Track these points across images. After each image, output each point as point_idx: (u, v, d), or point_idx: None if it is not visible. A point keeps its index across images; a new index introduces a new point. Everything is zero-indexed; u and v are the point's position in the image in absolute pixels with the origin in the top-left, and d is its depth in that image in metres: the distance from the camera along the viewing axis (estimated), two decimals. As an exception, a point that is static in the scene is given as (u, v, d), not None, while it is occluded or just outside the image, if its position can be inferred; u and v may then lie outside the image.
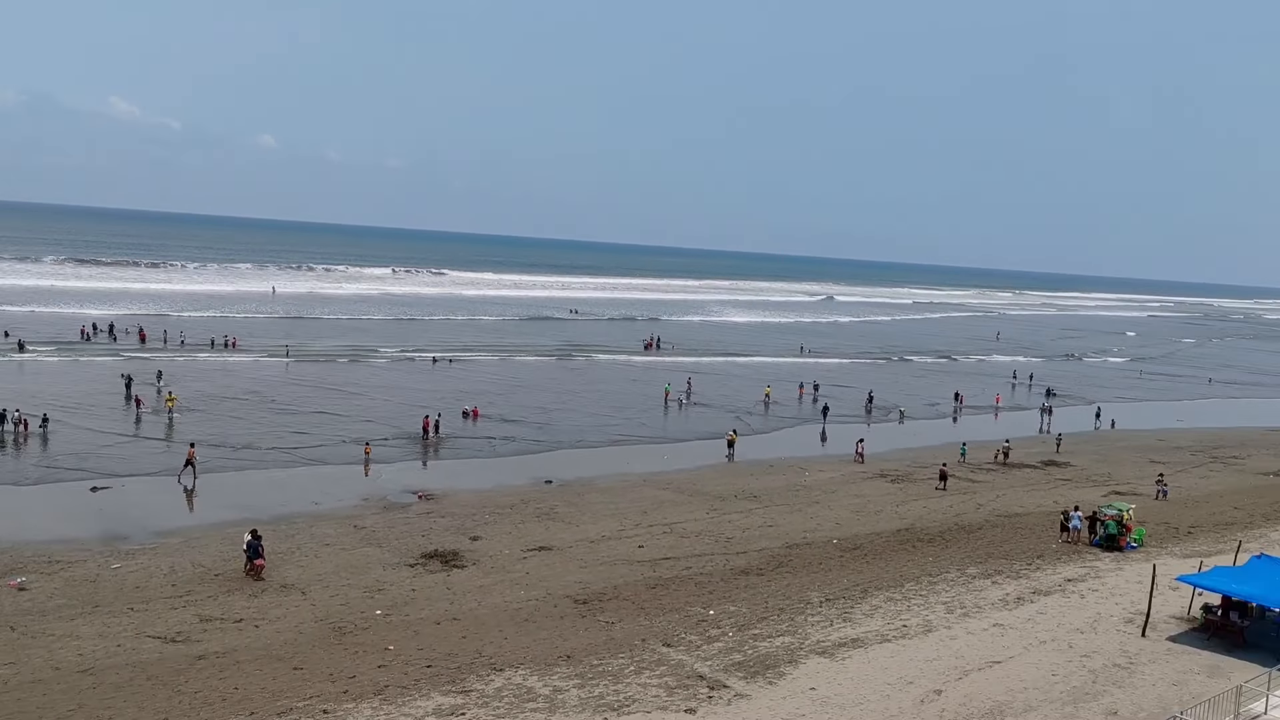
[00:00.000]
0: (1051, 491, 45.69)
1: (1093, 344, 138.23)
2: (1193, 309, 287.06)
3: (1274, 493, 47.53)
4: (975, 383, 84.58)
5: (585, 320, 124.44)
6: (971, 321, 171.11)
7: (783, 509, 39.97)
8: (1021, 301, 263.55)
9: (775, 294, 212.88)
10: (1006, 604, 28.95)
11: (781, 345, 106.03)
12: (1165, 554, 34.74)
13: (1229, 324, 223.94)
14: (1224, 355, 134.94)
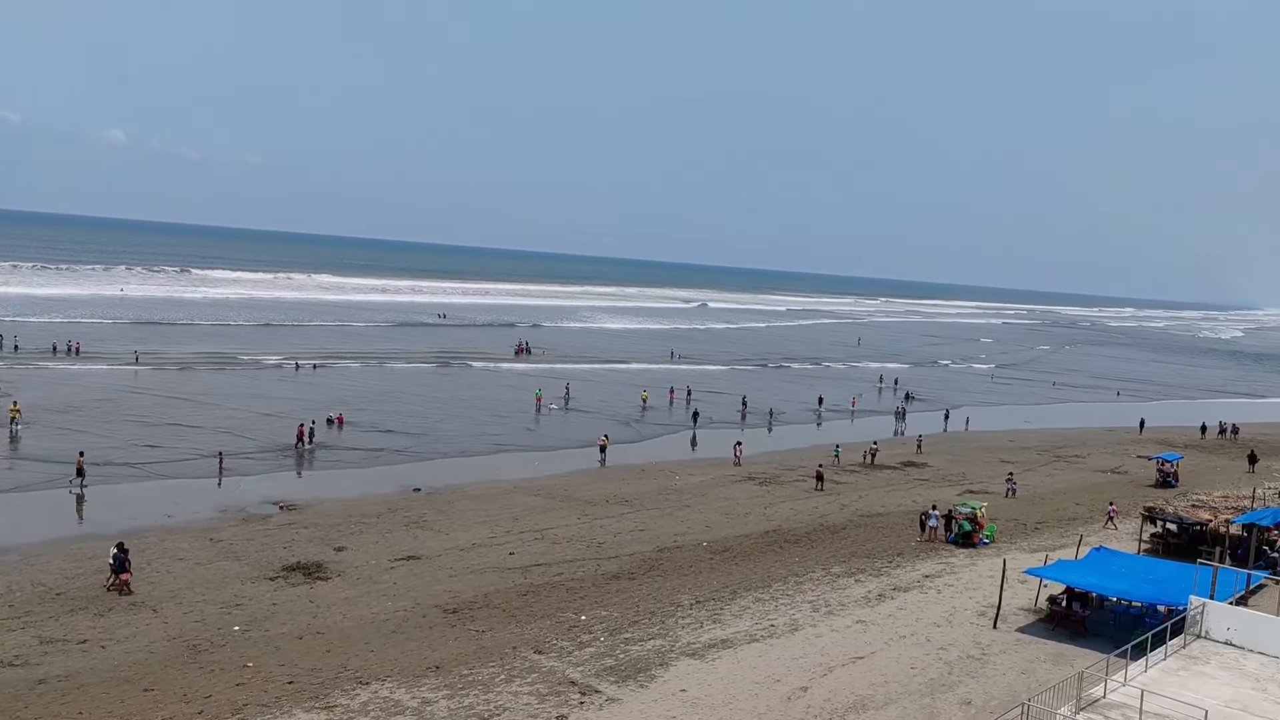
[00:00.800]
0: (910, 491, 47.46)
1: (955, 350, 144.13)
2: (1043, 316, 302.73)
3: (1112, 489, 50.52)
4: (845, 387, 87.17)
5: (454, 326, 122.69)
6: (839, 328, 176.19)
7: (654, 513, 40.29)
8: (888, 309, 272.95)
9: (650, 300, 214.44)
10: (869, 601, 29.89)
11: (656, 351, 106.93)
12: (1015, 549, 36.51)
13: (1078, 331, 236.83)
14: (1073, 361, 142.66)
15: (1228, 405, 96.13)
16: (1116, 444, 66.87)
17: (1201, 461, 61.11)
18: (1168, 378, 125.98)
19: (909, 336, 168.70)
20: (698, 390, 75.83)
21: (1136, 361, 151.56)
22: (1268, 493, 42.99)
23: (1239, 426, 74.68)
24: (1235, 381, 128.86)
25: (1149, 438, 70.36)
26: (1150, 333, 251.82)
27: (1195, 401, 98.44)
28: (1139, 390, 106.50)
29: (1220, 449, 67.76)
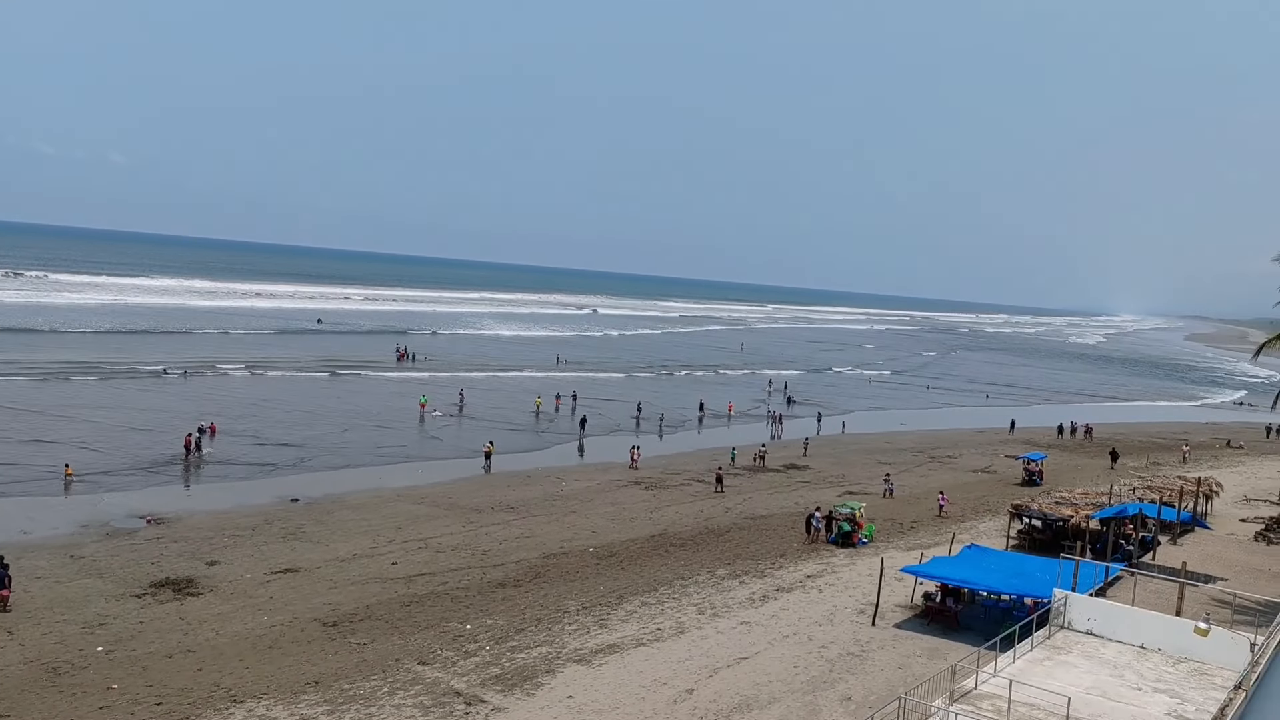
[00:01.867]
0: (793, 493, 48.44)
1: (846, 356, 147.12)
2: (922, 323, 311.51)
3: (982, 487, 52.65)
4: (734, 393, 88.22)
5: (334, 332, 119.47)
6: (729, 335, 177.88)
7: (540, 519, 40.07)
8: (777, 315, 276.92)
9: (539, 306, 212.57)
10: (753, 602, 30.37)
11: (545, 358, 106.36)
12: (892, 547, 37.66)
13: (958, 337, 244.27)
14: (955, 366, 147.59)
15: (1092, 407, 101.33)
16: (987, 444, 69.67)
17: (1064, 460, 64.21)
18: (1038, 381, 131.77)
19: (798, 343, 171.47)
20: (590, 398, 75.74)
21: (1009, 366, 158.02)
22: (1124, 489, 45.41)
23: (1091, 427, 78.87)
24: (1098, 385, 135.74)
25: (1018, 438, 73.57)
26: (1023, 338, 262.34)
27: (1063, 405, 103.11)
28: (1013, 393, 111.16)
29: (1080, 448, 71.34)
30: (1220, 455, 71.77)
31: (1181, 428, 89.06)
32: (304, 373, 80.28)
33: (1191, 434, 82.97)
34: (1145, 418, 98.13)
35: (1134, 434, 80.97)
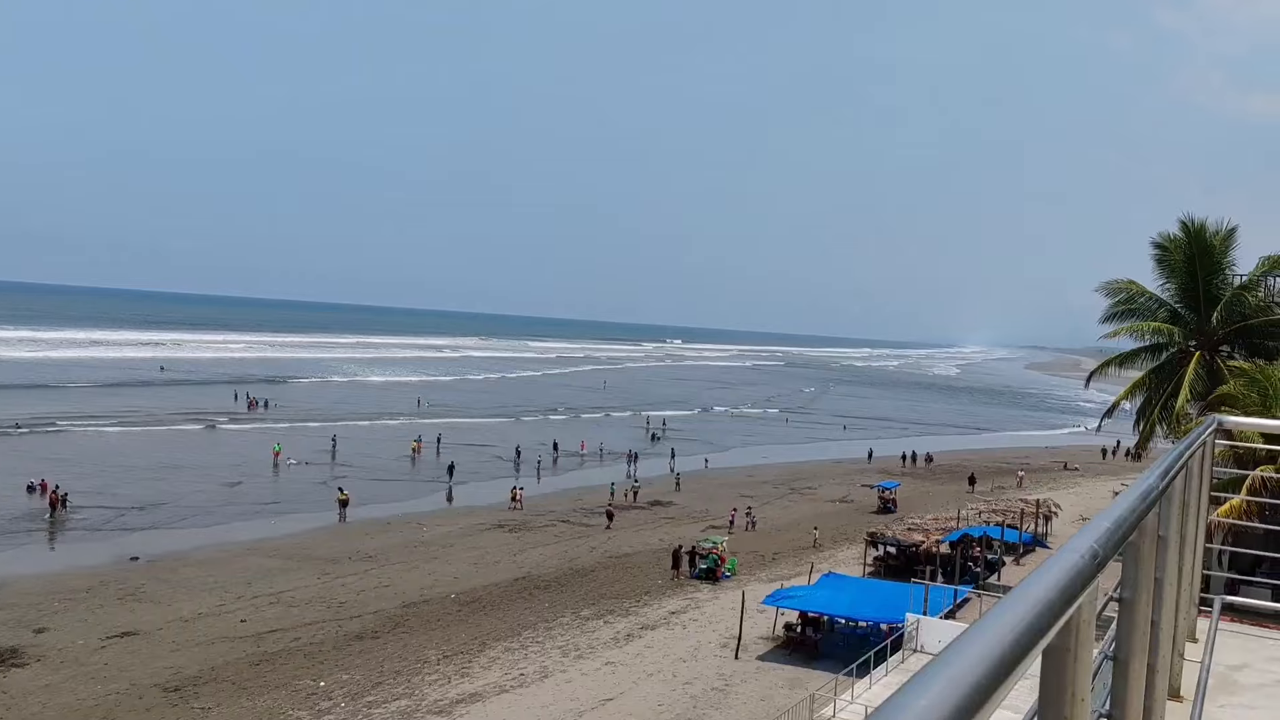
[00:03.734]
0: (658, 530, 48.59)
1: (725, 395, 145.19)
2: (793, 358, 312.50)
3: (840, 517, 54.02)
4: (611, 432, 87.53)
5: (181, 382, 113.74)
6: (607, 375, 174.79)
7: (399, 567, 38.96)
8: (646, 352, 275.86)
9: (402, 350, 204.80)
10: (617, 642, 30.22)
11: (406, 404, 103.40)
12: (754, 580, 38.14)
13: (830, 372, 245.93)
14: (832, 400, 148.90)
15: (944, 436, 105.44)
16: (845, 475, 71.60)
17: (917, 487, 66.58)
18: (900, 412, 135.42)
19: (673, 381, 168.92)
20: (458, 443, 74.07)
21: (875, 399, 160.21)
22: (970, 513, 47.39)
23: (931, 455, 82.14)
24: (953, 414, 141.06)
25: (874, 467, 75.92)
26: (889, 372, 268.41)
27: (921, 434, 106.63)
28: (877, 424, 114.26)
29: (931, 475, 74.18)
30: (1058, 478, 75.77)
31: (1023, 452, 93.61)
32: (146, 426, 76.14)
33: (1032, 458, 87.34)
34: (991, 444, 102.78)
35: (981, 460, 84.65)
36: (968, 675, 1.28)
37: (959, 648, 1.38)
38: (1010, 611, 1.55)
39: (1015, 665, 1.42)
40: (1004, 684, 1.35)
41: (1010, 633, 1.48)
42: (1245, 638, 6.23)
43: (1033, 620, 1.54)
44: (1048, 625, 1.58)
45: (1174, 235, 32.60)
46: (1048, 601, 1.62)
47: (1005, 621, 1.51)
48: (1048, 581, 1.69)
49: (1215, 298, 31.64)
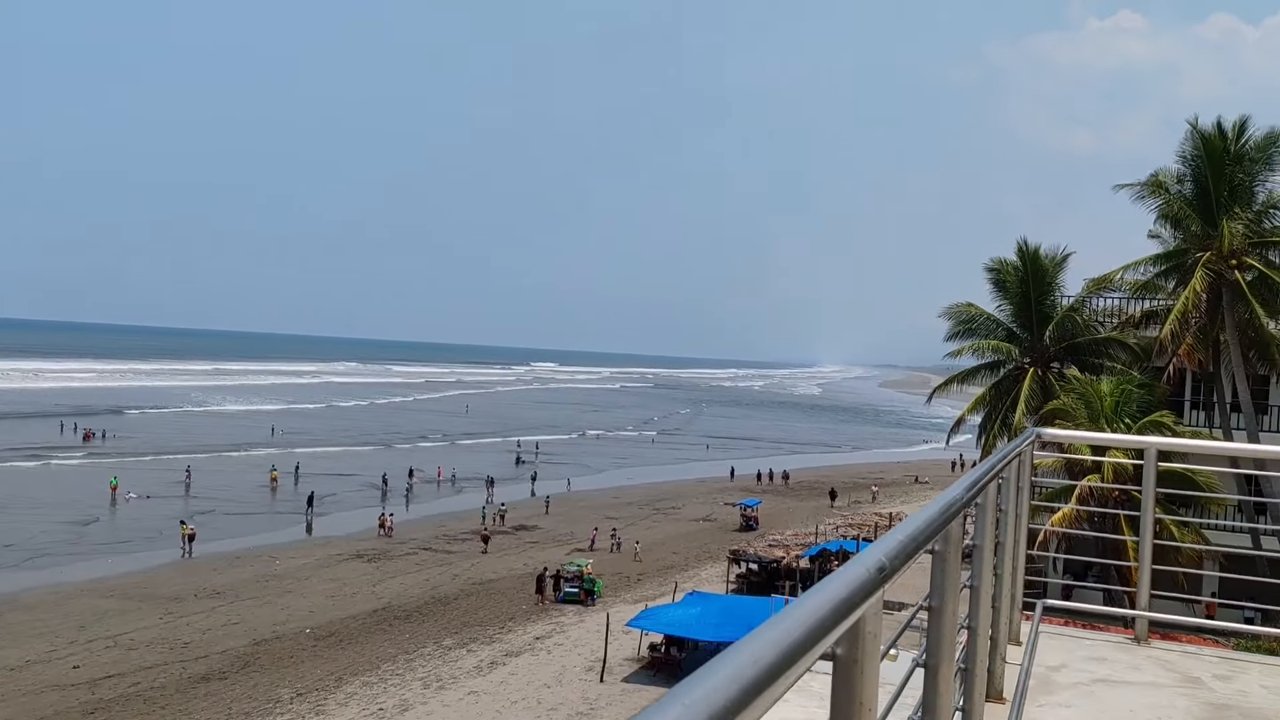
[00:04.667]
0: (522, 554, 48.09)
1: (599, 418, 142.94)
2: (664, 380, 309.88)
3: (704, 536, 54.67)
4: (476, 456, 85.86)
5: (6, 414, 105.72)
6: (465, 399, 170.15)
7: (250, 603, 37.29)
8: (517, 375, 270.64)
9: (264, 376, 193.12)
10: (481, 670, 29.71)
11: (265, 433, 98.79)
12: (619, 602, 38.14)
13: (701, 392, 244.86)
14: (706, 421, 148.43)
15: (812, 454, 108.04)
16: (708, 494, 72.51)
17: (778, 504, 68.00)
18: (767, 432, 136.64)
19: (544, 404, 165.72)
20: (322, 471, 71.31)
21: (741, 419, 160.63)
22: (828, 528, 48.73)
23: (788, 473, 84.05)
24: (817, 432, 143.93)
25: (736, 485, 77.18)
26: (753, 392, 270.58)
27: (783, 452, 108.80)
28: (745, 444, 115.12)
29: (791, 491, 75.96)
30: (910, 490, 78.75)
31: (879, 467, 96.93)
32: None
33: (886, 473, 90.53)
34: (849, 460, 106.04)
35: (839, 475, 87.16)
36: (737, 680, 1.28)
37: (733, 653, 1.39)
38: (788, 620, 1.57)
39: (784, 672, 1.43)
40: (770, 690, 1.36)
41: (786, 640, 1.49)
42: (1066, 639, 6.55)
43: (810, 629, 1.56)
44: (823, 635, 1.60)
45: (1007, 260, 34.51)
46: (827, 612, 1.65)
47: (782, 630, 1.52)
48: (829, 593, 1.72)
49: (1047, 317, 33.57)
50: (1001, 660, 5.15)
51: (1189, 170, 31.43)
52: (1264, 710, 5.14)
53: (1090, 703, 5.22)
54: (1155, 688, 5.48)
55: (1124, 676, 5.67)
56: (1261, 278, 29.47)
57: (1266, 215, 31.03)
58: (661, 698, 1.18)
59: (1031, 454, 6.23)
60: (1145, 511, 6.50)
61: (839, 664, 1.90)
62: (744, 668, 1.31)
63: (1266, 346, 29.77)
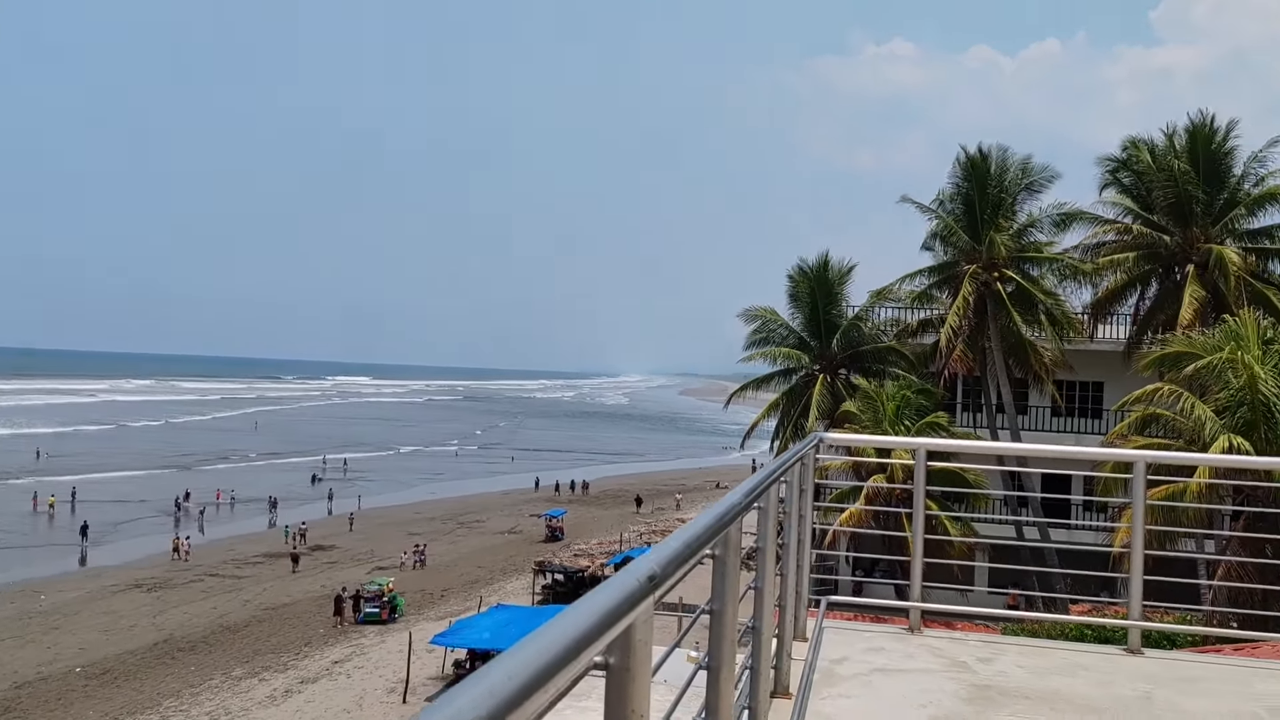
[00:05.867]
0: (319, 575, 46.16)
1: (412, 432, 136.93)
2: (467, 391, 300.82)
3: (509, 548, 54.23)
4: (272, 475, 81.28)
5: None
6: (266, 415, 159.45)
7: (10, 643, 34.02)
8: (323, 390, 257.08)
9: (36, 396, 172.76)
10: (274, 700, 28.31)
11: (43, 455, 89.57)
12: (423, 619, 37.23)
13: (515, 404, 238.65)
14: (526, 434, 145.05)
15: (619, 463, 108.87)
16: (513, 505, 72.00)
17: (583, 513, 68.34)
18: (577, 443, 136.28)
19: (345, 421, 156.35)
20: (106, 498, 65.49)
21: (551, 430, 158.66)
22: (632, 535, 49.41)
23: (588, 482, 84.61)
24: (626, 441, 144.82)
25: (542, 496, 77.02)
26: (564, 403, 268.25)
27: (592, 465, 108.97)
28: (554, 455, 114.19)
29: (597, 501, 76.56)
30: (711, 495, 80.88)
31: (683, 474, 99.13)
32: None
33: (688, 479, 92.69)
34: (654, 468, 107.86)
35: (644, 483, 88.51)
36: (493, 695, 1.25)
37: (490, 669, 1.36)
38: (551, 633, 1.55)
39: (543, 686, 1.41)
40: (526, 705, 1.34)
41: (548, 653, 1.48)
42: (849, 633, 6.87)
43: (574, 641, 1.55)
44: (587, 646, 1.59)
45: (801, 269, 36.18)
46: (592, 623, 1.64)
47: (545, 642, 1.51)
48: (596, 604, 1.72)
49: (834, 326, 35.36)
50: (788, 657, 5.34)
51: (958, 190, 33.96)
52: (1021, 688, 5.56)
53: (869, 692, 5.49)
54: (926, 673, 5.82)
55: (899, 665, 6.00)
56: (1020, 290, 32.14)
57: (1025, 233, 33.88)
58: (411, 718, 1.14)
59: (814, 457, 6.52)
60: (917, 509, 6.92)
61: (611, 673, 1.91)
62: (500, 683, 1.28)
63: (1024, 352, 32.47)
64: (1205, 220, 31.53)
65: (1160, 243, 32.00)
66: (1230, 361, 21.98)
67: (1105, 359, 33.85)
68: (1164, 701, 5.42)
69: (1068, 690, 5.53)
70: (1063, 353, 32.50)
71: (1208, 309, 29.27)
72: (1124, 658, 6.36)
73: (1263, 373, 21.51)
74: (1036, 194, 34.27)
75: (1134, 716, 5.19)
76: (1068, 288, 34.22)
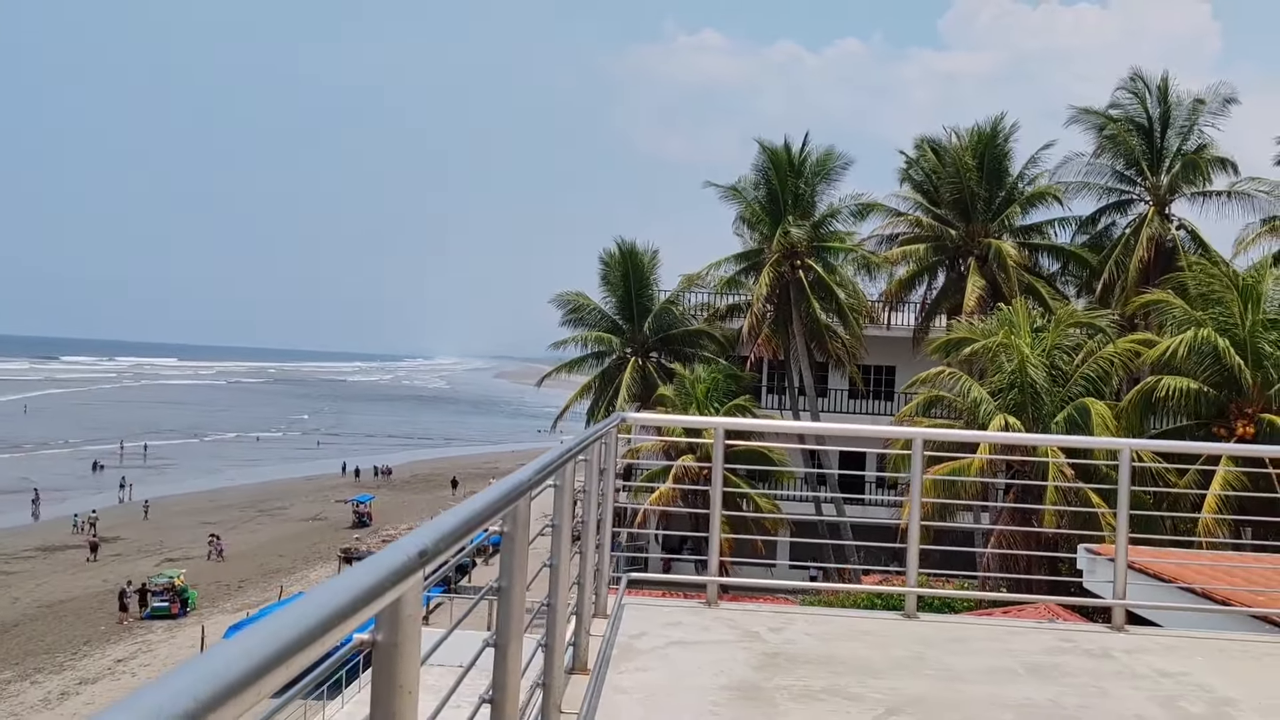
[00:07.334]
0: (102, 569, 43.13)
1: (224, 418, 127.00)
2: (277, 374, 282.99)
3: (314, 535, 52.39)
4: (51, 463, 74.95)
5: None
6: (55, 399, 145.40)
7: None
8: (119, 371, 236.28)
9: None
10: (49, 703, 26.35)
11: None
12: (218, 612, 35.48)
13: (331, 387, 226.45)
14: (348, 419, 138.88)
15: (432, 447, 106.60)
16: (318, 491, 69.49)
17: (393, 498, 66.77)
18: (392, 427, 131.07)
19: (143, 405, 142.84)
20: None
21: (369, 414, 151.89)
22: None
23: (390, 468, 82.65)
24: (442, 425, 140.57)
25: (347, 481, 74.72)
26: (381, 386, 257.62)
27: (405, 449, 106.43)
28: (366, 440, 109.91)
29: (407, 485, 74.99)
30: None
31: (494, 457, 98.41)
32: None
33: (501, 461, 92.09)
34: (467, 451, 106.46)
35: (458, 466, 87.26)
36: (218, 676, 1.17)
37: (242, 637, 1.30)
38: (312, 602, 1.50)
39: (299, 653, 1.36)
40: (278, 671, 1.29)
41: (306, 620, 1.42)
42: (649, 609, 7.00)
43: (327, 616, 1.49)
44: (343, 620, 1.54)
45: (613, 253, 36.52)
46: (349, 599, 1.59)
47: (303, 610, 1.45)
48: (358, 578, 1.66)
49: (646, 310, 35.93)
50: (586, 634, 5.40)
51: (762, 179, 35.12)
52: (806, 654, 5.84)
53: (665, 664, 5.61)
54: (721, 644, 6.02)
55: (696, 637, 6.17)
56: (819, 279, 33.62)
57: (825, 223, 35.44)
58: (126, 696, 1.06)
59: (616, 436, 6.60)
60: (715, 487, 7.11)
61: (378, 649, 1.86)
62: (231, 661, 1.22)
63: (823, 337, 34.02)
64: (986, 215, 33.93)
65: (946, 235, 34.21)
66: (1004, 346, 23.78)
67: (896, 344, 35.93)
68: (934, 660, 5.81)
69: (848, 654, 5.84)
70: (858, 338, 34.25)
71: (988, 297, 31.55)
72: (902, 622, 6.78)
73: (1032, 357, 23.38)
74: (835, 182, 35.87)
75: (907, 674, 5.54)
76: (863, 277, 36.11)
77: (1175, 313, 24.18)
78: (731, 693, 5.13)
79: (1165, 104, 32.60)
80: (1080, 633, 6.98)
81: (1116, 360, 24.03)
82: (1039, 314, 26.71)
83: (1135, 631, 6.81)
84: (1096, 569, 9.82)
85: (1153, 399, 23.15)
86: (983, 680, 5.53)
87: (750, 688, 5.20)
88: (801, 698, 5.07)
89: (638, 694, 5.10)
